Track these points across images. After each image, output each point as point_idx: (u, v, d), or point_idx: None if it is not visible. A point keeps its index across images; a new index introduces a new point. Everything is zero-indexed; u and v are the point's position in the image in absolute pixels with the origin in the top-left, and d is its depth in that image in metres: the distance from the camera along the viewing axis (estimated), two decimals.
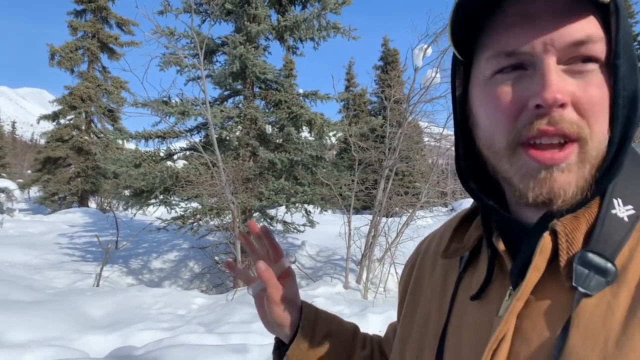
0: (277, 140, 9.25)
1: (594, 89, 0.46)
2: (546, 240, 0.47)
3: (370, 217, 8.47)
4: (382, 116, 10.20)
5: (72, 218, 15.72)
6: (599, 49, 0.46)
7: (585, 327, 0.44)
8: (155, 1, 8.64)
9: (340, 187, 8.67)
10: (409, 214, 8.69)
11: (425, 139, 13.77)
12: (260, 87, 9.37)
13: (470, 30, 0.52)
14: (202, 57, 7.48)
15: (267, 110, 9.28)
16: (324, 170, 8.78)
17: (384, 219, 8.39)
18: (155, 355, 3.75)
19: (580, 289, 0.45)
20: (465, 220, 0.65)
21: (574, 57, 0.47)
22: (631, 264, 0.45)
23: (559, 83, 0.45)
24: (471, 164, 0.60)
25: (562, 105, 0.46)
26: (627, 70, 0.47)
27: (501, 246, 0.54)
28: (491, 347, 0.48)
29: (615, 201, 0.48)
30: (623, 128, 0.48)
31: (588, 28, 0.46)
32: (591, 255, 0.45)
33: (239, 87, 9.20)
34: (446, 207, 14.84)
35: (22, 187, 21.44)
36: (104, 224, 14.18)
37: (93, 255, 9.72)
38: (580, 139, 0.47)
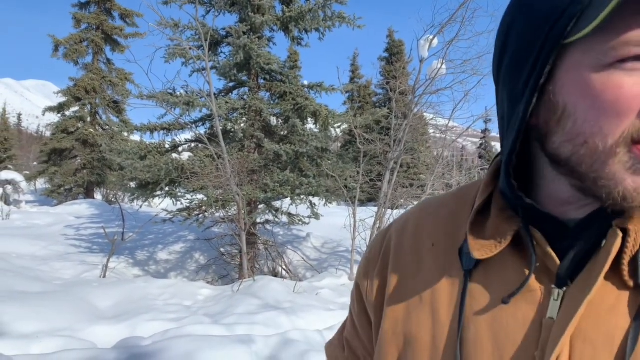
0: (282, 132, 9.23)
1: None
2: (618, 238, 0.46)
3: (375, 209, 8.46)
4: (388, 108, 10.16)
5: (78, 210, 15.81)
6: None
7: None
8: None
9: (346, 179, 8.66)
10: (413, 206, 8.67)
11: (431, 131, 13.72)
12: (265, 79, 9.34)
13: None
14: (207, 49, 7.45)
15: (272, 102, 9.26)
16: (329, 162, 8.76)
17: (389, 211, 8.38)
18: (162, 345, 3.77)
19: None
20: (478, 214, 0.58)
21: None
22: None
23: None
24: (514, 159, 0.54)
25: None
26: None
27: (544, 242, 0.51)
28: (557, 352, 0.46)
29: None
30: None
31: None
32: None
33: (244, 78, 9.17)
34: None
35: (29, 179, 21.57)
36: (110, 216, 14.25)
37: (99, 246, 9.78)
38: None
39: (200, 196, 8.54)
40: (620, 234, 0.45)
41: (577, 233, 0.49)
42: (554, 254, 0.50)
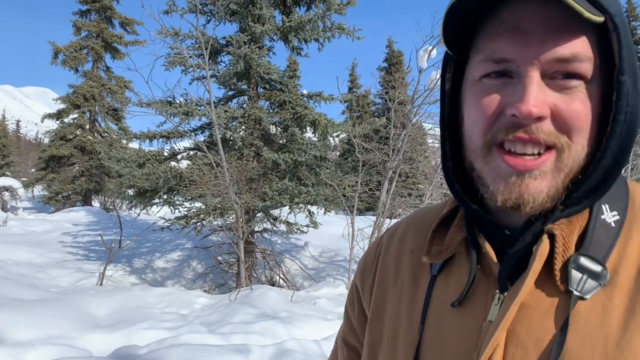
0: (281, 141, 9.25)
1: (577, 103, 0.47)
2: (545, 244, 0.48)
3: (374, 218, 8.45)
4: (386, 117, 10.19)
5: (76, 217, 15.77)
6: (585, 67, 0.47)
7: (583, 329, 0.45)
8: (160, 1, 8.66)
9: (344, 188, 8.66)
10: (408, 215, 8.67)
11: (430, 141, 13.75)
12: (264, 88, 9.37)
13: (464, 30, 0.53)
14: (207, 57, 7.49)
15: (271, 111, 9.28)
16: (328, 171, 8.77)
17: (387, 220, 8.38)
18: (158, 354, 3.75)
19: (575, 292, 0.46)
20: (442, 222, 0.63)
21: (558, 72, 0.48)
22: (621, 267, 0.46)
23: (538, 97, 0.47)
24: (456, 164, 0.60)
25: (539, 118, 0.47)
26: (630, 86, 0.48)
27: (489, 248, 0.54)
28: (487, 353, 0.48)
29: (603, 207, 0.49)
30: (621, 143, 0.48)
31: (576, 46, 0.47)
32: (584, 259, 0.46)
33: (244, 87, 9.21)
34: None
35: (26, 185, 21.53)
36: (107, 223, 14.21)
37: (96, 254, 9.74)
38: (557, 148, 0.48)
39: (198, 204, 8.53)
40: (547, 240, 0.48)
41: (515, 239, 0.52)
42: (494, 260, 0.53)
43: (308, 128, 8.94)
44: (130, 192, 8.79)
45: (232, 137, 8.72)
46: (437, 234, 0.62)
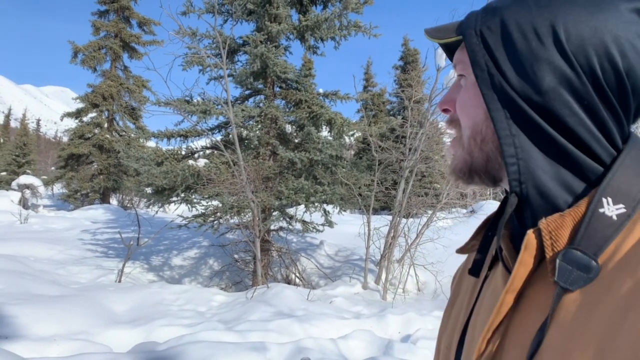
0: (297, 140, 9.26)
1: (462, 93, 0.60)
2: (530, 237, 0.50)
3: (389, 217, 8.42)
4: (402, 116, 10.14)
5: (95, 214, 16.01)
6: (460, 68, 0.61)
7: (565, 322, 0.46)
8: (178, 1, 8.73)
9: (360, 187, 8.64)
10: (428, 215, 8.62)
11: (447, 140, 13.64)
12: (280, 87, 9.40)
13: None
14: (225, 57, 7.53)
15: (287, 110, 9.30)
16: (344, 170, 8.76)
17: (403, 220, 8.34)
18: (176, 351, 3.79)
19: (561, 284, 0.47)
20: (489, 220, 0.67)
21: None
22: (612, 260, 0.46)
23: (445, 95, 0.65)
24: None
25: (444, 111, 0.65)
26: (482, 78, 0.55)
27: (503, 241, 0.58)
28: (484, 336, 0.53)
29: (604, 200, 0.48)
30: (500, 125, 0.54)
31: (458, 55, 0.62)
32: (574, 252, 0.47)
33: (260, 86, 9.24)
34: (466, 209, 14.69)
35: (46, 183, 21.94)
36: (125, 221, 14.40)
37: (115, 251, 9.88)
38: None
39: (215, 202, 8.59)
40: (532, 233, 0.50)
41: (523, 233, 0.55)
42: (509, 253, 0.58)
43: (324, 127, 8.93)
44: (149, 190, 8.88)
45: (248, 136, 8.76)
46: (482, 231, 0.68)
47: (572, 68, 0.50)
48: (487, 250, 0.65)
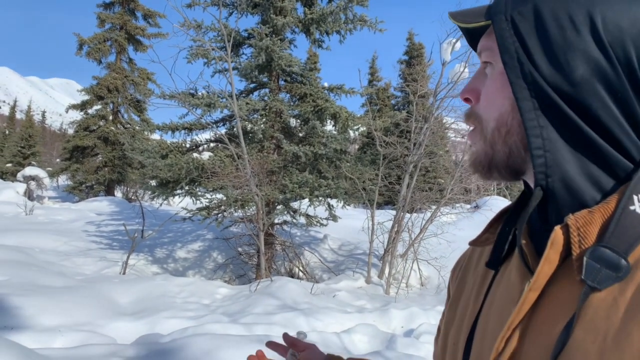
0: (301, 134, 9.25)
1: (489, 82, 0.59)
2: (557, 233, 0.48)
3: (393, 212, 8.42)
4: (407, 111, 10.10)
5: (99, 206, 16.07)
6: (486, 55, 0.59)
7: (590, 321, 0.44)
8: None
9: (364, 182, 8.63)
10: (432, 210, 8.62)
11: (452, 135, 13.61)
12: (285, 80, 9.38)
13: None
14: (229, 50, 7.51)
15: (292, 103, 9.29)
16: (348, 164, 8.75)
17: (407, 215, 8.34)
18: (181, 343, 3.81)
19: (588, 282, 0.45)
20: (504, 213, 0.65)
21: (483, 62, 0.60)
22: None
23: (467, 84, 0.62)
24: None
25: (466, 100, 0.62)
26: (511, 66, 0.54)
27: (523, 238, 0.56)
28: (504, 335, 0.51)
29: (635, 197, 0.47)
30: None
31: (482, 43, 0.60)
32: (603, 250, 0.45)
33: (265, 79, 9.23)
34: (470, 204, 14.66)
35: (52, 175, 22.01)
36: (129, 213, 14.45)
37: (119, 243, 9.92)
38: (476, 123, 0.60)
39: (219, 195, 8.60)
40: (559, 230, 0.48)
41: (548, 229, 0.52)
42: (529, 250, 0.56)
43: (328, 121, 8.92)
44: (153, 182, 8.90)
45: (253, 130, 8.76)
46: (496, 224, 0.66)
47: (607, 59, 0.48)
48: (503, 244, 0.63)
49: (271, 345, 1.01)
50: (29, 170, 18.89)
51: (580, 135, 0.50)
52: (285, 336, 0.98)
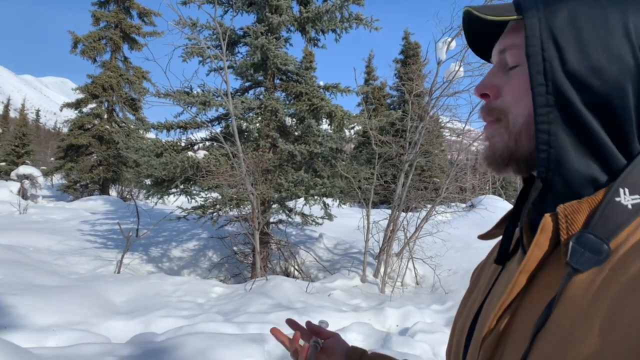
0: (297, 132, 9.24)
1: (517, 79, 0.58)
2: (547, 220, 0.52)
3: (388, 211, 8.42)
4: (402, 110, 10.11)
5: (94, 205, 16.00)
6: (512, 53, 0.60)
7: (570, 298, 0.48)
8: None
9: (359, 181, 8.64)
10: (427, 209, 8.63)
11: (447, 134, 13.64)
12: (281, 79, 9.36)
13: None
14: (225, 48, 7.49)
15: (287, 102, 9.27)
16: (343, 163, 8.75)
17: (403, 214, 8.34)
18: (175, 342, 3.80)
19: (572, 264, 0.48)
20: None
21: (502, 60, 0.62)
22: (624, 246, 0.48)
23: (485, 80, 0.63)
24: None
25: (482, 95, 0.63)
26: (533, 60, 0.55)
27: (525, 230, 0.60)
28: (496, 313, 0.55)
29: (621, 190, 0.50)
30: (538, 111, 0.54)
31: (507, 41, 0.61)
32: (588, 236, 0.49)
33: (260, 78, 9.21)
34: (465, 203, 14.70)
35: (46, 174, 21.88)
36: (124, 212, 14.41)
37: (114, 242, 9.88)
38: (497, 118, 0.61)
39: (214, 194, 8.58)
40: (549, 217, 0.52)
41: (541, 218, 0.56)
42: (527, 237, 0.60)
43: (324, 120, 8.91)
44: (148, 181, 8.86)
45: (248, 128, 8.74)
46: (506, 221, 0.69)
47: (637, 63, 0.51)
48: (509, 241, 0.66)
49: (292, 323, 1.00)
50: (23, 169, 18.76)
51: (588, 134, 0.52)
52: (309, 324, 0.98)
